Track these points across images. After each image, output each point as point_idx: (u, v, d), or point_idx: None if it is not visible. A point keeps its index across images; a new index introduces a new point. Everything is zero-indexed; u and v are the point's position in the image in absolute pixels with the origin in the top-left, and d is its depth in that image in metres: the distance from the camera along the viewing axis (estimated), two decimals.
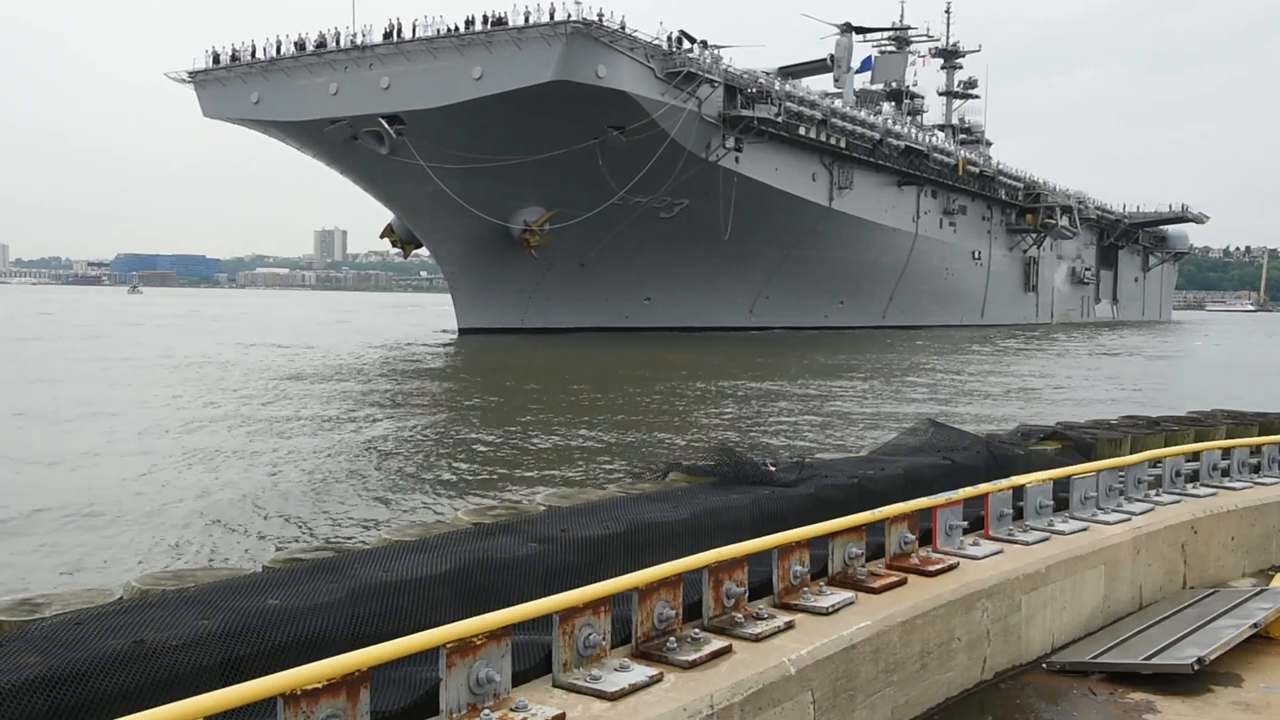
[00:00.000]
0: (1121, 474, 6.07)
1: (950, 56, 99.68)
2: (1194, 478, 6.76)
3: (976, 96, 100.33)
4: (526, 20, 43.78)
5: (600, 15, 44.17)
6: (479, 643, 2.81)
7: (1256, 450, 7.33)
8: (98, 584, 3.31)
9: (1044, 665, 4.70)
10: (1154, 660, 4.52)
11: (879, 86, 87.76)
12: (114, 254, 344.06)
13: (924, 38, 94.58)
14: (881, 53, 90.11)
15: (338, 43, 47.46)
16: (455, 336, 53.63)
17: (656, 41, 47.18)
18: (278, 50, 48.84)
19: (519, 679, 3.06)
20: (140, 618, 2.81)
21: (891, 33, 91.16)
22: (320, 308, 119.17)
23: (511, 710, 2.85)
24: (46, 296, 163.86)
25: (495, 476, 15.97)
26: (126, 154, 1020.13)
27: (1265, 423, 9.44)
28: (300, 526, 12.79)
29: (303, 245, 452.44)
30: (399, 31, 46.15)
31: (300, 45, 48.43)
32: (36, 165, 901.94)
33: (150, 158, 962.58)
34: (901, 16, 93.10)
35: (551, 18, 43.35)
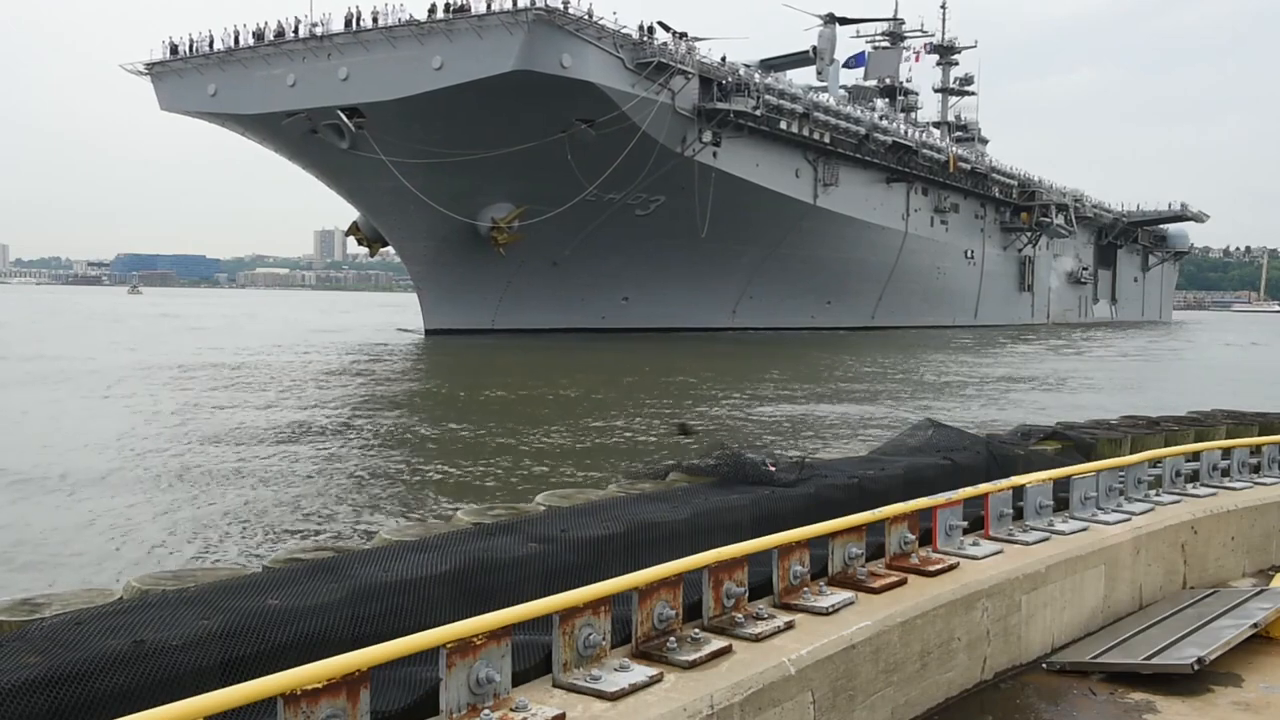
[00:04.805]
0: (1121, 474, 6.25)
1: (946, 53, 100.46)
2: (1194, 478, 6.96)
3: (973, 93, 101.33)
4: (488, 7, 43.64)
5: (565, 2, 43.99)
6: (479, 643, 2.90)
7: (1256, 450, 7.54)
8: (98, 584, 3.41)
9: (1044, 665, 4.85)
10: (1154, 660, 4.67)
11: (872, 83, 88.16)
12: (114, 254, 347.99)
13: (918, 33, 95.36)
14: (875, 48, 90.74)
15: (296, 32, 47.24)
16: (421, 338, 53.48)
17: (626, 30, 46.89)
18: (235, 41, 48.64)
19: (519, 679, 3.15)
20: (140, 618, 2.90)
21: (883, 27, 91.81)
22: (301, 309, 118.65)
23: (511, 710, 2.94)
24: (44, 296, 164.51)
25: (493, 477, 16.14)
26: (126, 154, 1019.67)
27: (1265, 423, 9.70)
28: (297, 528, 12.94)
29: (303, 245, 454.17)
30: (359, 20, 46.02)
31: (258, 35, 48.21)
32: (36, 165, 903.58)
33: (150, 157, 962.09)
34: (896, 9, 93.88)
35: (514, 5, 43.17)
